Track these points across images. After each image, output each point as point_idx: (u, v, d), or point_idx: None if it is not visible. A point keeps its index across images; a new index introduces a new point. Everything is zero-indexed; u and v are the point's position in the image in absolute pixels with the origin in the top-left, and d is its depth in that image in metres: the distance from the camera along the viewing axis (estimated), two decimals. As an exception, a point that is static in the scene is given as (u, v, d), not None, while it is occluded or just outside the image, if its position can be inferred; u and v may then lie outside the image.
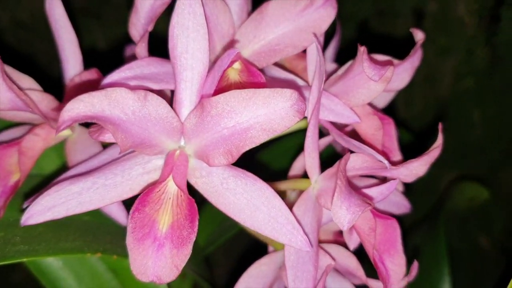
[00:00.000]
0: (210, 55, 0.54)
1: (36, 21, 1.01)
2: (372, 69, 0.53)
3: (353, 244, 0.62)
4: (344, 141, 0.56)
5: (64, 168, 0.79)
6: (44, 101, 0.61)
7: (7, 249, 0.61)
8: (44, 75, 0.64)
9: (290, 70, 0.66)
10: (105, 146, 0.63)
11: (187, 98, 0.53)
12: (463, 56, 1.34)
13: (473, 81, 1.36)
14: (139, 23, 0.58)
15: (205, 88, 0.53)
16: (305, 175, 0.67)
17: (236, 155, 0.49)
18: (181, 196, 0.51)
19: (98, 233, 0.71)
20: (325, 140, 0.63)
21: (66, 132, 0.65)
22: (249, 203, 0.51)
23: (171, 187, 0.51)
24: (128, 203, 0.59)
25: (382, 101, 0.68)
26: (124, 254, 0.69)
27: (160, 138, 0.51)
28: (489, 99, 1.32)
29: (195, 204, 0.49)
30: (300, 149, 0.69)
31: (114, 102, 0.46)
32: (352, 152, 0.56)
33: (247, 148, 0.49)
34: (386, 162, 0.52)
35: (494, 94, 1.33)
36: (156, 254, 0.49)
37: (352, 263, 0.60)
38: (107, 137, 0.50)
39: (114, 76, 0.54)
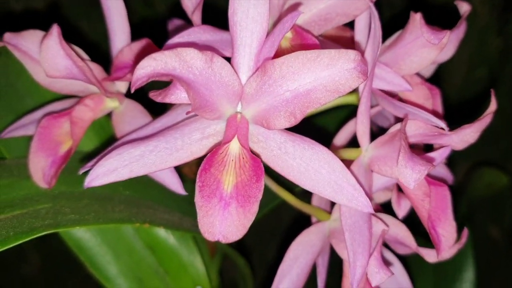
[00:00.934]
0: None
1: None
2: (431, 33, 0.53)
3: (401, 212, 0.62)
4: (398, 107, 0.57)
5: (103, 145, 0.80)
6: (95, 70, 0.61)
7: (59, 218, 0.62)
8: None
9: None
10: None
11: (245, 64, 0.53)
12: (476, 46, 1.35)
13: (486, 71, 1.37)
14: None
15: (263, 54, 0.54)
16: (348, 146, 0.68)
17: (300, 117, 0.50)
18: (243, 158, 0.51)
19: (141, 207, 0.72)
20: (375, 110, 0.64)
21: (113, 104, 0.66)
22: (308, 166, 0.52)
23: (233, 150, 0.52)
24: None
25: (425, 75, 0.69)
26: (168, 226, 0.69)
27: (221, 101, 0.51)
28: (501, 89, 1.34)
29: (261, 163, 0.49)
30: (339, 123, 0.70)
31: (184, 61, 0.47)
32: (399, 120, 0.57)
33: (311, 109, 0.50)
34: (443, 124, 0.53)
35: (507, 84, 1.34)
36: (222, 212, 0.49)
37: (402, 231, 0.61)
38: (173, 98, 0.50)
39: (175, 40, 0.54)
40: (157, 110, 0.66)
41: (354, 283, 0.53)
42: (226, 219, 0.49)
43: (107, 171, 0.52)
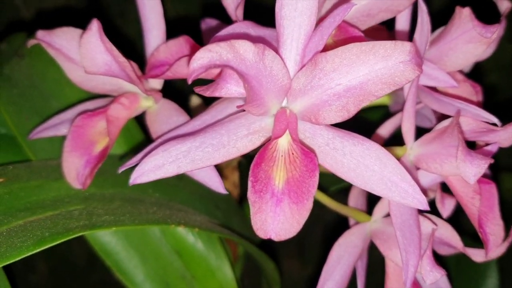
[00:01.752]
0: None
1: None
2: (483, 27, 0.52)
3: (446, 212, 0.61)
4: (445, 103, 0.56)
5: (132, 149, 0.78)
6: (133, 67, 0.60)
7: (94, 219, 0.60)
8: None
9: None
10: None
11: (291, 58, 0.52)
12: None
13: (497, 76, 1.37)
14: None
15: (310, 48, 0.52)
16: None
17: (354, 111, 0.49)
18: (293, 153, 0.50)
19: (172, 209, 0.70)
20: (420, 106, 0.63)
21: (148, 103, 0.64)
22: (359, 163, 0.51)
23: (282, 146, 0.50)
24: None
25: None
26: (202, 228, 0.68)
27: (269, 96, 0.50)
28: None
29: (314, 158, 0.48)
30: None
31: (237, 53, 0.45)
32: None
33: (365, 103, 0.48)
34: (495, 119, 0.52)
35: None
36: (274, 209, 0.48)
37: (447, 231, 0.59)
38: (223, 92, 0.49)
39: (221, 33, 0.53)
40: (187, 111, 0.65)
41: (407, 282, 0.51)
42: (278, 216, 0.48)
43: (154, 167, 0.50)
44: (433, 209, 0.62)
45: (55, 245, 0.55)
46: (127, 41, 0.65)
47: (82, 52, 0.55)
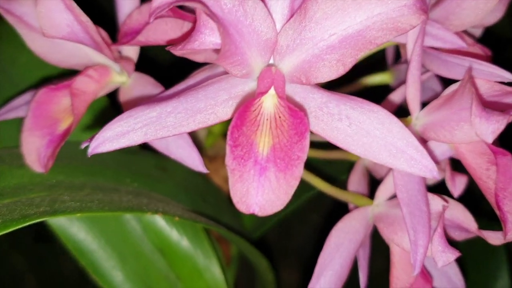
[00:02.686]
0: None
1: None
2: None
3: (457, 190, 0.54)
4: (453, 64, 0.49)
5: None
6: (100, 33, 0.53)
7: (57, 206, 0.53)
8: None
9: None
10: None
11: (278, 11, 0.45)
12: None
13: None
14: None
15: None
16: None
17: (350, 64, 0.42)
18: (280, 117, 0.43)
19: (152, 198, 0.63)
20: (425, 76, 0.56)
21: (120, 78, 0.57)
22: (358, 128, 0.44)
23: (267, 109, 0.44)
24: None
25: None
26: (184, 217, 0.60)
27: (252, 52, 0.43)
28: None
29: (304, 117, 0.41)
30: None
31: None
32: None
33: (365, 52, 0.42)
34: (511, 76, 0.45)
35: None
36: (258, 178, 0.41)
37: (459, 212, 0.52)
38: (196, 44, 0.42)
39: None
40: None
41: (416, 265, 0.44)
42: (263, 186, 0.41)
43: (116, 135, 0.43)
44: (443, 191, 0.55)
45: (44, 259, 0.49)
46: (104, 17, 0.59)
47: (40, 11, 0.48)
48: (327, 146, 0.69)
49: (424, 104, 0.53)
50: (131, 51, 0.57)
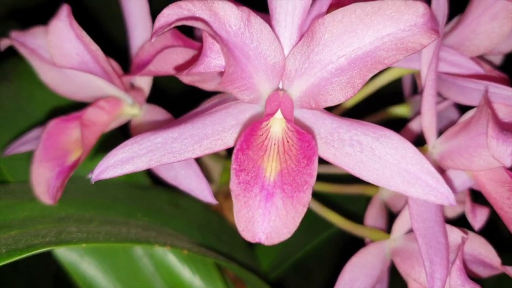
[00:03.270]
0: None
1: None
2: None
3: (478, 223, 0.51)
4: (470, 90, 0.48)
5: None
6: (111, 64, 0.53)
7: (63, 236, 0.52)
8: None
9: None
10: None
11: (287, 36, 0.45)
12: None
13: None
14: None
15: (308, 23, 0.45)
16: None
17: (360, 85, 0.41)
18: (288, 141, 0.42)
19: (161, 233, 0.61)
20: (443, 106, 0.54)
21: (132, 111, 0.57)
22: (370, 154, 0.42)
23: (275, 133, 0.42)
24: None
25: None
26: (193, 251, 0.59)
27: (259, 76, 0.42)
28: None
29: (312, 140, 0.40)
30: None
31: (216, 15, 0.38)
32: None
33: (374, 73, 0.40)
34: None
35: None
36: (265, 205, 0.39)
37: (481, 246, 0.49)
38: (202, 68, 0.42)
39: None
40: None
41: (434, 300, 0.41)
42: (269, 213, 0.39)
43: (121, 161, 0.42)
44: (465, 224, 0.52)
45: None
46: (117, 49, 0.59)
47: (50, 40, 0.49)
48: (345, 180, 0.67)
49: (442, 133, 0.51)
50: (143, 82, 0.57)
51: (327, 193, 0.69)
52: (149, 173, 0.73)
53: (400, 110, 0.67)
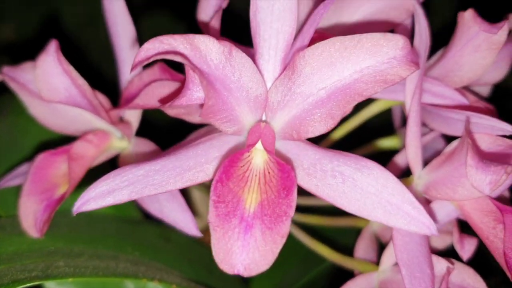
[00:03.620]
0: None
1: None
2: (488, 25, 0.45)
3: (466, 254, 0.50)
4: (454, 119, 0.48)
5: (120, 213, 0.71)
6: (100, 99, 0.54)
7: (50, 271, 0.52)
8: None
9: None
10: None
11: (270, 69, 0.45)
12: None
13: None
14: (210, 4, 0.53)
15: (290, 57, 0.46)
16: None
17: (339, 117, 0.41)
18: (269, 172, 0.42)
19: (151, 266, 0.61)
20: (430, 137, 0.54)
21: (121, 144, 0.58)
22: (352, 185, 0.42)
23: (256, 165, 0.43)
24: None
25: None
26: (182, 286, 0.58)
27: (242, 109, 0.43)
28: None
29: (292, 171, 0.40)
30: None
31: (197, 49, 0.39)
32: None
33: (353, 104, 0.41)
34: (513, 129, 0.43)
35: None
36: (243, 236, 0.39)
37: (470, 276, 0.48)
38: (184, 100, 0.42)
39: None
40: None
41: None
42: (248, 244, 0.39)
43: (102, 193, 0.42)
44: (454, 255, 0.52)
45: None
46: (106, 82, 0.60)
47: (38, 74, 0.49)
48: (337, 212, 0.67)
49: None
50: (132, 116, 0.57)
51: (318, 226, 0.69)
52: (140, 207, 0.73)
53: (389, 142, 0.68)
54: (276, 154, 0.44)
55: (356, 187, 0.42)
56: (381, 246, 0.61)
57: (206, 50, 0.40)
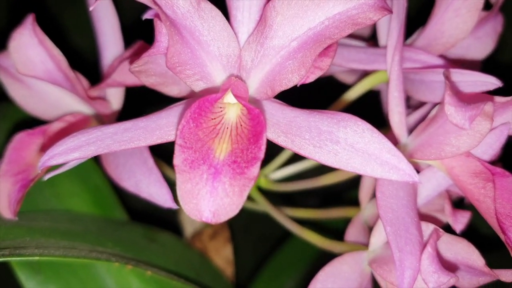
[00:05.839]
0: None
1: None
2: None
3: (460, 224, 0.47)
4: (434, 81, 0.46)
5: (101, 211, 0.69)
6: (78, 77, 0.53)
7: (17, 251, 0.49)
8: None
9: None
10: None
11: (244, 31, 0.44)
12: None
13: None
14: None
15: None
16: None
17: (310, 63, 0.40)
18: (241, 125, 0.40)
19: (131, 260, 0.58)
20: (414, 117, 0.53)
21: (100, 127, 0.56)
22: (328, 138, 0.40)
23: (229, 119, 0.41)
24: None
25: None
26: (158, 273, 0.55)
27: (215, 65, 0.42)
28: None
29: (261, 116, 0.38)
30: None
31: None
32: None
33: (324, 47, 0.39)
34: (496, 80, 0.42)
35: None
36: (212, 183, 0.37)
37: (463, 248, 0.45)
38: (155, 51, 0.41)
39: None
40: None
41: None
42: (216, 190, 0.37)
43: (69, 148, 0.41)
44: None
45: None
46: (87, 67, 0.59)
47: (13, 47, 0.49)
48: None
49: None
50: (113, 97, 0.56)
51: (314, 220, 0.66)
52: (127, 209, 0.71)
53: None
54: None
55: (332, 140, 0.40)
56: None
57: None
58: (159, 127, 0.42)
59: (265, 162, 0.61)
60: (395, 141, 0.50)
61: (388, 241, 0.40)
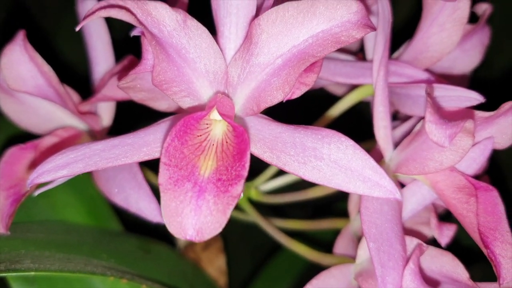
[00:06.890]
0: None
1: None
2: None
3: (445, 237, 0.48)
4: (417, 96, 0.47)
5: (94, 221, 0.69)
6: (70, 94, 0.54)
7: (13, 266, 0.50)
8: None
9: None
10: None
11: (231, 47, 0.45)
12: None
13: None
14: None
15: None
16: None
17: (293, 82, 0.41)
18: (227, 142, 0.41)
19: (126, 273, 0.59)
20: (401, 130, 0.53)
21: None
22: (312, 154, 0.41)
23: (215, 135, 0.41)
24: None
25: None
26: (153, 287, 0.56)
27: (201, 82, 0.43)
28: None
29: (245, 133, 0.39)
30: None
31: (147, 14, 0.39)
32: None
33: (306, 65, 0.40)
34: (478, 96, 0.42)
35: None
36: (196, 200, 0.37)
37: (448, 261, 0.46)
38: (141, 68, 0.42)
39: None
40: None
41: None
42: (200, 208, 0.37)
43: (58, 166, 0.41)
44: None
45: None
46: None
47: (4, 63, 0.50)
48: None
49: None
50: (103, 111, 0.57)
51: (303, 231, 0.67)
52: (122, 220, 0.72)
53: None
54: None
55: (316, 156, 0.41)
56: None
57: (158, 16, 0.39)
58: (146, 143, 0.43)
59: (256, 174, 0.61)
60: (380, 155, 0.50)
61: (371, 256, 0.41)
